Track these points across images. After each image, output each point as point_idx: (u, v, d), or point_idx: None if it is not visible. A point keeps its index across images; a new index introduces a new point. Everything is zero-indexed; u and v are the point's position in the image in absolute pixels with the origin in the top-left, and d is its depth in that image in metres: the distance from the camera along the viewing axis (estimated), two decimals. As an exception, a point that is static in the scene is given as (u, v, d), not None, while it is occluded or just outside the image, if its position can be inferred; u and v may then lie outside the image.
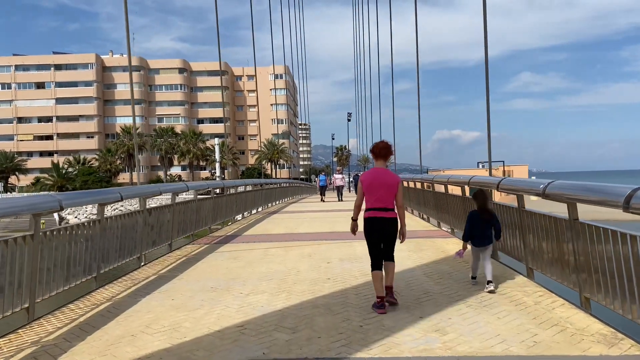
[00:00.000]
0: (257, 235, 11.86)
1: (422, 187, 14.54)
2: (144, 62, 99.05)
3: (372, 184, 5.36)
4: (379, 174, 5.41)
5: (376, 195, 5.33)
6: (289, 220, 15.67)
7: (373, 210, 5.35)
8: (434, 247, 9.33)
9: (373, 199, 5.35)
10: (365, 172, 5.98)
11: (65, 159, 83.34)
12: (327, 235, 11.46)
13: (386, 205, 5.35)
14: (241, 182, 17.14)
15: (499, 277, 6.71)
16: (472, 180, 8.27)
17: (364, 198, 5.47)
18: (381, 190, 5.32)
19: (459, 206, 10.01)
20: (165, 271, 7.79)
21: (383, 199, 5.33)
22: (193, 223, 11.19)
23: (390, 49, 32.79)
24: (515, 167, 76.73)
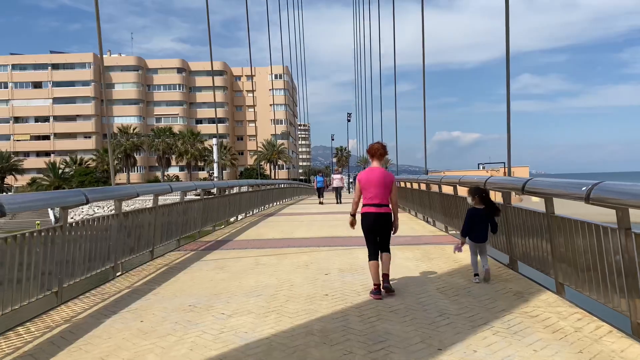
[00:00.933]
0: (249, 240, 10.92)
1: (427, 189, 13.61)
2: (142, 62, 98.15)
3: (368, 182, 5.79)
4: (374, 172, 5.83)
5: (372, 192, 5.76)
6: (285, 223, 14.73)
7: (369, 206, 5.79)
8: (443, 255, 8.39)
9: (369, 196, 5.77)
10: (362, 171, 6.32)
11: (61, 159, 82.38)
12: (325, 240, 10.53)
13: (381, 202, 5.76)
14: (234, 183, 16.19)
15: (523, 293, 5.79)
16: (489, 182, 7.32)
17: (361, 195, 5.91)
18: (376, 188, 5.74)
19: None
20: (141, 283, 6.85)
21: (378, 196, 5.74)
22: (179, 227, 10.26)
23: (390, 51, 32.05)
24: (516, 169, 74.84)
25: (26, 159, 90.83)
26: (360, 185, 5.87)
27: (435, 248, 9.12)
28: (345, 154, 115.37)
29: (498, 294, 5.79)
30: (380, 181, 5.77)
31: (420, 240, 10.32)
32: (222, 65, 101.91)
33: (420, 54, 17.49)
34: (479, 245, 6.40)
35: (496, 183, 7.17)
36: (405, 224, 13.53)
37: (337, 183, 26.11)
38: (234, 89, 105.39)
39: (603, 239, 4.68)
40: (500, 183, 7.04)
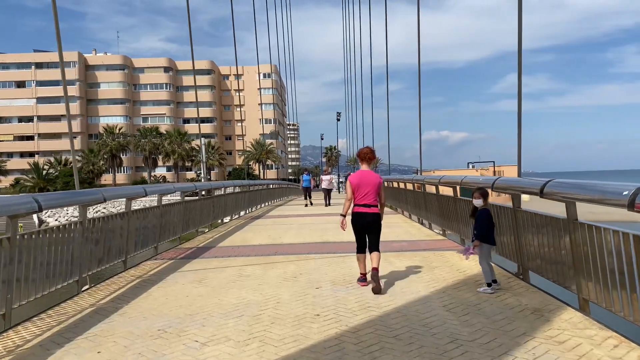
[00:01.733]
0: (233, 247, 10.13)
1: (422, 190, 12.90)
2: (128, 61, 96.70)
3: (359, 184, 6.22)
4: (364, 175, 6.30)
5: (362, 193, 6.20)
6: (273, 227, 13.94)
7: (359, 207, 6.23)
8: (445, 263, 7.67)
9: (359, 196, 6.21)
10: (353, 173, 7.01)
11: (45, 160, 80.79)
12: (316, 247, 9.76)
13: (370, 202, 6.21)
14: (218, 184, 15.36)
15: (542, 311, 5.08)
16: (499, 183, 6.61)
17: (352, 196, 6.28)
18: (366, 189, 6.19)
19: None
20: (108, 300, 6.04)
21: (368, 197, 6.20)
22: (157, 233, 9.44)
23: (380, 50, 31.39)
24: (506, 168, 75.23)
25: (10, 159, 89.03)
26: (351, 187, 6.28)
27: (435, 255, 8.39)
28: (335, 154, 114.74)
29: (513, 312, 5.07)
30: (369, 183, 6.22)
31: (418, 245, 9.59)
32: (209, 64, 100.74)
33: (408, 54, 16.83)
34: (492, 247, 6.08)
35: (509, 185, 6.44)
36: (400, 227, 12.81)
37: (326, 184, 23.13)
38: (222, 88, 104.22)
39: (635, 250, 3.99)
40: (514, 185, 6.30)
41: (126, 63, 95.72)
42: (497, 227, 6.61)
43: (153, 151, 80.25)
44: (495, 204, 7.27)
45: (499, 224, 6.91)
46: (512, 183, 6.45)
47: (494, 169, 71.72)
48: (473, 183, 7.72)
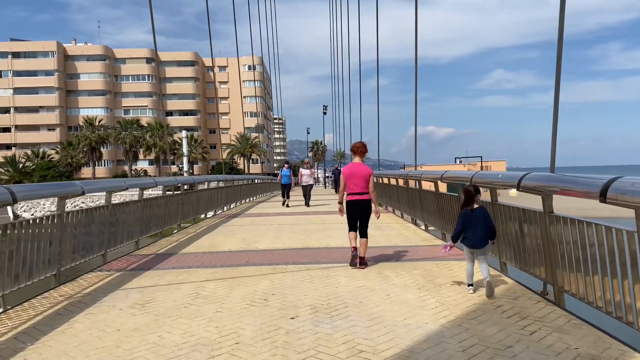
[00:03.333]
0: (198, 254, 8.58)
1: (418, 187, 11.47)
2: (109, 52, 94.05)
3: (351, 175, 7.04)
4: (356, 167, 7.10)
5: (354, 182, 7.01)
6: (250, 228, 12.41)
7: (352, 195, 7.04)
8: (453, 279, 6.21)
9: (352, 186, 7.03)
10: (345, 166, 7.66)
11: (22, 153, 78.14)
12: (296, 254, 8.27)
13: (362, 190, 7.01)
14: (188, 179, 13.74)
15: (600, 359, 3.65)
16: (528, 181, 5.19)
17: (345, 185, 7.11)
18: (357, 179, 7.01)
19: None
20: (11, 336, 4.50)
21: (359, 186, 7.00)
22: (104, 239, 7.88)
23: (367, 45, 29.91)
24: (493, 163, 74.70)
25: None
26: (344, 177, 7.08)
27: (439, 267, 6.94)
28: (322, 148, 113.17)
29: (561, 360, 3.64)
30: (361, 174, 7.00)
31: (416, 253, 8.14)
32: (193, 56, 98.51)
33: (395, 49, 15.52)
34: (474, 251, 5.47)
35: (543, 183, 5.01)
36: (393, 228, 11.37)
37: (306, 180, 19.41)
38: (205, 80, 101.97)
39: None
40: (558, 184, 4.86)
41: (107, 53, 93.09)
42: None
43: (134, 144, 78.02)
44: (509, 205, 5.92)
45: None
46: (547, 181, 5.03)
47: (481, 164, 70.91)
48: (490, 182, 6.29)
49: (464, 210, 5.51)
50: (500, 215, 6.41)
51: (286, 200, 19.11)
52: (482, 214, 5.39)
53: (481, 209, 5.44)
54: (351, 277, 6.40)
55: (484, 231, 5.36)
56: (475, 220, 5.35)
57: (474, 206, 5.43)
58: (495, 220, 6.46)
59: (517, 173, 5.49)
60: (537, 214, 5.37)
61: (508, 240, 6.30)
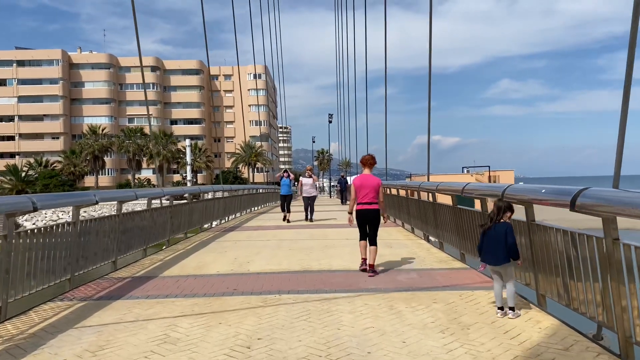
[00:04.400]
0: (180, 278, 7.45)
1: (431, 200, 10.32)
2: (114, 60, 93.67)
3: (362, 186, 7.44)
4: (366, 178, 7.52)
5: (364, 193, 7.40)
6: (245, 244, 11.27)
7: (361, 204, 7.42)
8: (482, 317, 5.05)
9: (362, 196, 7.41)
10: (356, 177, 7.90)
11: (25, 161, 77.56)
12: (292, 279, 7.12)
13: (371, 200, 7.39)
14: (178, 191, 12.56)
15: None
16: (584, 202, 4.04)
17: (356, 196, 7.49)
18: (367, 190, 7.39)
19: None
20: None
21: (369, 196, 7.39)
22: (71, 261, 6.78)
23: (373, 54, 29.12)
24: (501, 173, 73.24)
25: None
26: (355, 188, 7.46)
27: (462, 299, 5.77)
28: (327, 157, 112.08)
29: None
30: (371, 185, 7.41)
31: (433, 279, 6.96)
32: (198, 64, 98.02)
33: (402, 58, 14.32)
34: (493, 268, 5.14)
35: (614, 204, 3.84)
36: (404, 245, 10.21)
37: (308, 190, 16.75)
38: (211, 88, 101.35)
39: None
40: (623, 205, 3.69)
41: (112, 62, 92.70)
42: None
43: (137, 153, 77.23)
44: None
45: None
46: (614, 201, 3.87)
47: (489, 174, 69.59)
48: (530, 197, 5.14)
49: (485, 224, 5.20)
50: (539, 239, 5.26)
51: (287, 214, 16.54)
52: (503, 230, 4.98)
53: (502, 225, 5.03)
54: (357, 313, 5.25)
55: (500, 249, 4.96)
56: (492, 236, 5.01)
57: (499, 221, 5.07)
58: (533, 245, 5.36)
59: (568, 188, 4.33)
60: (594, 240, 4.23)
61: (549, 269, 5.14)
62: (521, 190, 5.32)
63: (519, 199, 5.31)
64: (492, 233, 5.01)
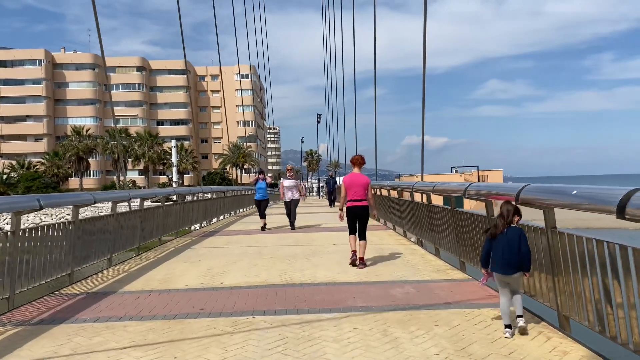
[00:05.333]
0: (142, 294, 6.48)
1: (426, 202, 9.43)
2: (99, 60, 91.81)
3: (351, 184, 7.86)
4: (356, 177, 7.94)
5: (354, 190, 7.85)
6: (222, 251, 10.31)
7: (351, 201, 7.87)
8: (494, 343, 4.15)
9: (351, 193, 7.86)
10: (346, 176, 8.30)
11: (7, 163, 75.79)
12: (271, 295, 6.17)
13: (360, 197, 7.85)
14: (150, 193, 11.48)
15: None
16: (633, 210, 3.15)
17: (346, 193, 7.93)
18: (357, 188, 7.84)
19: None
20: None
21: (359, 193, 7.84)
22: (11, 276, 5.78)
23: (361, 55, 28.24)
24: (490, 172, 72.83)
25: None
26: (345, 186, 7.94)
27: (468, 320, 4.86)
28: (316, 158, 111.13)
29: None
30: (360, 183, 7.88)
31: (432, 293, 6.05)
32: (184, 64, 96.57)
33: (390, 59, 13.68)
34: (500, 277, 4.49)
35: None
36: (397, 252, 9.30)
37: (290, 194, 14.46)
38: (197, 89, 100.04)
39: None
40: None
41: (96, 62, 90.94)
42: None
43: (122, 154, 75.65)
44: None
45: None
46: None
47: (477, 173, 69.12)
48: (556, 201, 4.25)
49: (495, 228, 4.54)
50: (562, 249, 4.39)
51: (262, 221, 14.43)
52: (517, 235, 4.41)
53: (515, 230, 4.46)
54: (344, 341, 4.33)
55: (514, 256, 4.37)
56: (504, 242, 4.42)
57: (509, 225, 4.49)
58: (554, 256, 4.49)
59: (610, 190, 3.42)
60: (636, 254, 3.36)
61: (575, 286, 4.27)
62: (542, 192, 4.42)
63: (539, 203, 4.43)
64: (503, 238, 4.45)
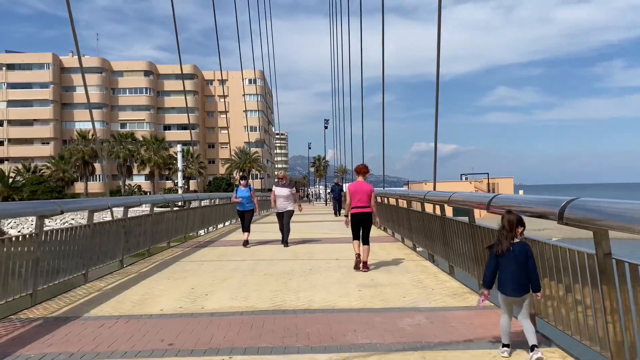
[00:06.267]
0: (108, 320, 5.55)
1: (439, 213, 8.45)
2: (106, 64, 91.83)
3: (356, 191, 8.36)
4: (360, 185, 8.44)
5: (358, 198, 8.33)
6: (212, 266, 9.35)
7: (355, 208, 8.37)
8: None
9: (356, 200, 8.35)
10: (350, 183, 8.95)
11: (13, 167, 75.49)
12: (256, 327, 5.19)
13: (364, 204, 8.35)
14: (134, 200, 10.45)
15: None
16: None
17: (351, 200, 8.39)
18: (361, 195, 8.33)
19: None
20: None
21: (362, 200, 8.33)
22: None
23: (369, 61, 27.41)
24: (500, 180, 71.48)
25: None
26: (350, 194, 8.43)
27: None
28: (324, 164, 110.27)
29: None
30: (364, 190, 8.36)
31: (448, 325, 5.06)
32: (192, 69, 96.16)
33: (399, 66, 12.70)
34: (510, 300, 4.13)
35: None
36: (406, 270, 8.30)
37: (282, 204, 12.08)
38: (205, 93, 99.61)
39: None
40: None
41: (104, 66, 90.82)
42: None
43: (128, 158, 75.24)
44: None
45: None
46: None
47: (488, 181, 67.88)
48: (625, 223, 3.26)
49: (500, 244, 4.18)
50: None
51: (246, 235, 12.05)
52: (524, 251, 4.10)
53: (522, 245, 4.14)
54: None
55: (523, 275, 4.06)
56: (512, 259, 4.08)
57: (514, 240, 4.13)
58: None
59: None
60: None
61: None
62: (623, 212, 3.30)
63: (587, 222, 3.46)
64: (510, 256, 4.06)
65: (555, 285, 4.40)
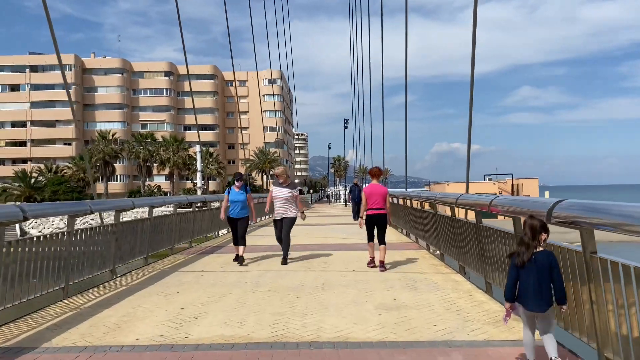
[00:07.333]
0: (67, 354, 4.49)
1: (474, 220, 7.24)
2: (127, 65, 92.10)
3: (371, 194, 8.60)
4: (375, 187, 8.70)
5: (373, 200, 8.57)
6: (211, 279, 8.26)
7: (370, 210, 8.59)
8: None
9: (371, 203, 8.57)
10: (366, 186, 8.98)
11: (35, 167, 76.02)
12: (247, 365, 4.10)
13: (380, 206, 8.57)
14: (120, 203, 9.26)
15: None
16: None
17: (367, 202, 8.61)
18: (376, 197, 8.57)
19: None
20: None
21: (378, 203, 8.56)
22: None
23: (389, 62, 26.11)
24: (525, 181, 69.20)
25: (1, 166, 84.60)
26: (366, 196, 8.65)
27: None
28: (344, 164, 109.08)
29: None
30: (379, 193, 8.61)
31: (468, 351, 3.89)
32: (212, 69, 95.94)
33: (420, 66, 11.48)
34: (533, 315, 3.82)
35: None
36: (434, 285, 7.09)
37: (281, 208, 9.57)
38: (225, 94, 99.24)
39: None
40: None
41: (125, 67, 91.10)
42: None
43: (148, 158, 75.08)
44: None
45: None
46: None
47: (512, 181, 65.83)
48: None
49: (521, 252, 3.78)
50: None
51: (241, 249, 9.61)
52: (547, 261, 3.69)
53: (545, 254, 3.72)
54: None
55: (546, 287, 3.68)
56: (534, 271, 3.69)
57: (537, 249, 3.72)
58: None
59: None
60: None
61: None
62: None
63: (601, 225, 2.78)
64: (532, 266, 3.73)
65: None
